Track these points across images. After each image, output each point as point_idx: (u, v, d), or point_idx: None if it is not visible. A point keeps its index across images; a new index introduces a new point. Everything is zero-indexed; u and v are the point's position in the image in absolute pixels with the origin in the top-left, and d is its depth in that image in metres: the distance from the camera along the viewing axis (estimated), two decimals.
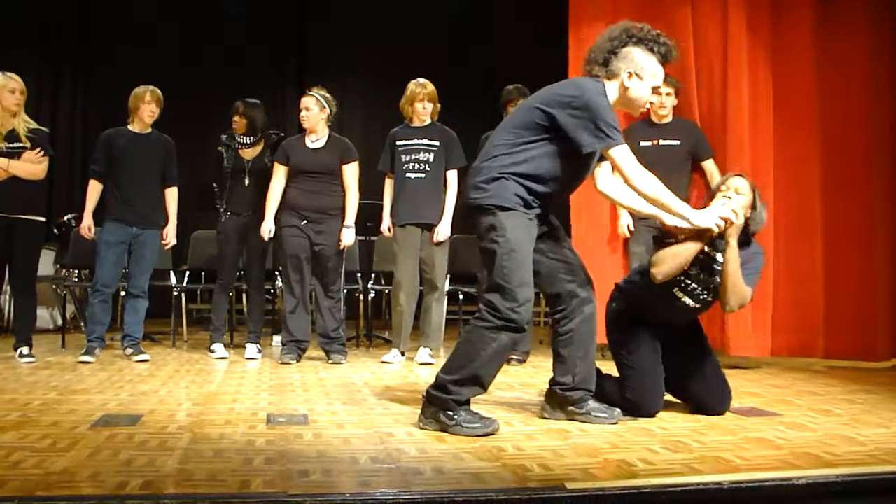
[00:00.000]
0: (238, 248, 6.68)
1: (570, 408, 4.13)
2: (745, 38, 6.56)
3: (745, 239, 4.28)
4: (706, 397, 4.40)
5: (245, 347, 6.73)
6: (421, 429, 3.90)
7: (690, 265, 4.21)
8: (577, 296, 4.11)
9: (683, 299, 4.28)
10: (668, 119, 6.47)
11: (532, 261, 3.94)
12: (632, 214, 6.35)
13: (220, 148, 6.69)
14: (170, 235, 6.65)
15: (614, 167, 3.95)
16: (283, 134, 6.79)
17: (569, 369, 4.13)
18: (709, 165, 6.46)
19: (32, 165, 6.11)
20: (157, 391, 4.96)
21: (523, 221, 3.92)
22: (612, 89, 4.00)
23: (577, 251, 4.28)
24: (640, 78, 3.99)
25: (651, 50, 4.00)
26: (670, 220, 4.05)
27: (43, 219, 6.35)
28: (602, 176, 4.31)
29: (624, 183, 3.99)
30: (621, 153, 3.86)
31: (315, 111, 6.46)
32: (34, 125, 6.27)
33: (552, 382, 4.22)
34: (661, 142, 6.36)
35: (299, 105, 6.53)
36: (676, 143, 6.39)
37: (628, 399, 4.31)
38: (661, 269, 4.11)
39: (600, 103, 3.85)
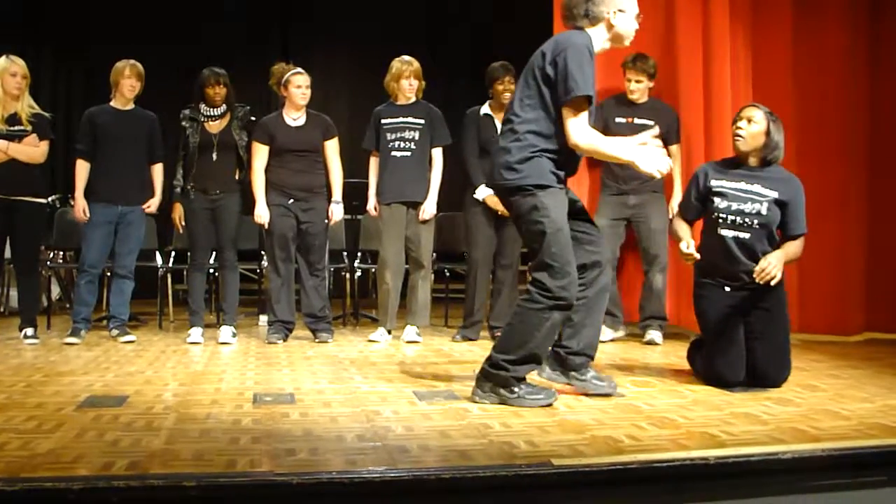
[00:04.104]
0: (209, 226, 6.43)
1: (572, 372, 4.25)
2: (727, 16, 6.57)
3: (768, 164, 4.62)
4: (762, 367, 4.52)
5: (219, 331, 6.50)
6: (476, 402, 3.99)
7: (717, 196, 4.59)
8: (599, 266, 4.19)
9: (732, 234, 4.55)
10: (644, 100, 6.49)
11: None
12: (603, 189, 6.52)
13: (183, 123, 6.42)
14: (153, 205, 6.58)
15: (565, 115, 3.92)
16: (248, 107, 6.61)
17: (575, 333, 4.24)
18: (673, 150, 6.45)
19: (32, 149, 6.13)
20: (143, 372, 4.94)
21: (560, 197, 4.01)
22: (598, 34, 4.07)
23: None
24: (623, 12, 4.06)
25: None
26: (644, 167, 4.01)
27: (44, 200, 6.40)
28: None
29: (567, 135, 3.94)
30: (578, 111, 3.90)
31: (309, 90, 6.43)
32: (37, 109, 6.26)
33: (556, 345, 4.30)
34: (636, 120, 6.36)
35: (290, 82, 6.36)
36: (651, 123, 6.39)
37: (709, 369, 4.60)
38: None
39: (578, 55, 3.90)
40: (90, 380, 4.62)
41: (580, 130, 3.91)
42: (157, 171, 6.61)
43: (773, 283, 4.38)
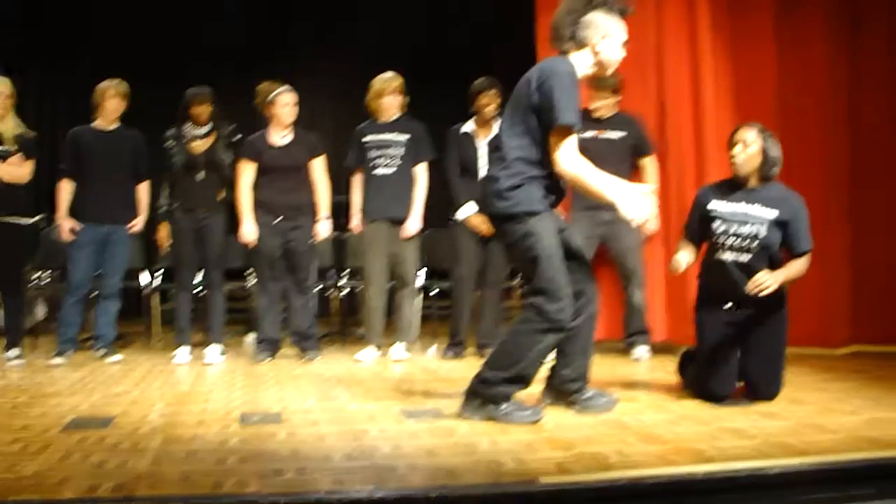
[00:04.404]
0: (195, 246, 6.42)
1: (572, 397, 4.30)
2: (709, 33, 6.61)
3: (768, 181, 4.63)
4: (753, 380, 4.59)
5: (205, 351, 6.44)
6: (465, 419, 4.00)
7: (715, 220, 4.59)
8: (585, 294, 4.23)
9: (732, 257, 4.57)
10: (612, 113, 6.48)
11: None
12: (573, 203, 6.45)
13: (169, 143, 6.40)
14: (138, 224, 6.59)
15: (553, 143, 3.97)
16: (234, 125, 6.61)
17: (569, 363, 4.30)
18: (648, 162, 6.46)
19: (16, 168, 6.10)
20: (129, 392, 4.92)
21: (551, 222, 4.06)
22: (582, 59, 4.10)
23: None
24: (610, 37, 4.09)
25: (610, 10, 4.11)
26: (625, 211, 4.02)
27: (29, 220, 6.34)
28: None
29: (555, 162, 3.99)
30: (564, 138, 3.94)
31: (296, 108, 6.44)
32: (23, 129, 6.23)
33: (552, 375, 4.38)
34: (604, 134, 6.38)
35: (276, 100, 6.38)
36: (619, 135, 6.40)
37: (697, 380, 4.67)
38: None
39: (562, 83, 3.93)
40: (76, 401, 4.60)
41: (567, 158, 3.95)
42: (143, 189, 6.61)
43: (762, 294, 4.37)
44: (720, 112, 6.58)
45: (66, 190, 6.43)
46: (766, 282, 4.36)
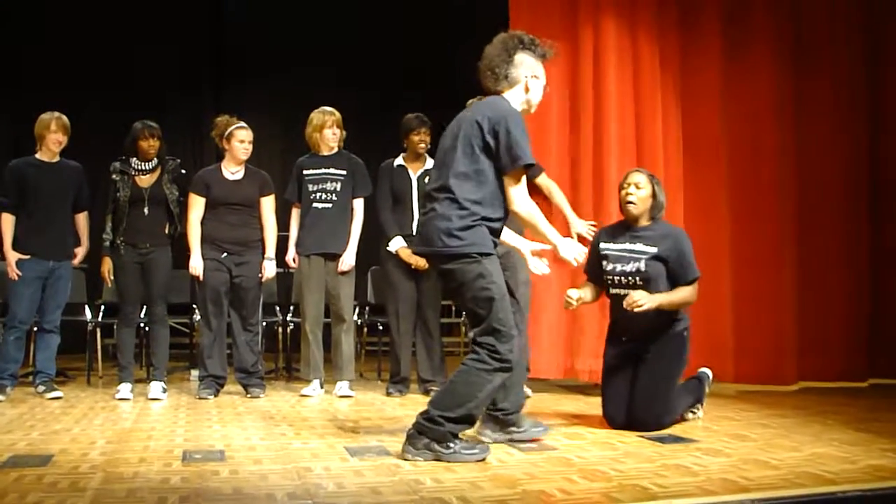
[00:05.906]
0: (139, 280, 6.31)
1: (511, 428, 4.44)
2: (658, 79, 6.71)
3: (654, 220, 4.99)
4: (633, 408, 4.82)
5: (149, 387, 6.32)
6: (408, 460, 3.95)
7: (603, 259, 4.97)
8: (518, 329, 4.35)
9: (618, 292, 4.90)
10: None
11: None
12: None
13: (114, 176, 6.29)
14: (80, 254, 6.53)
15: (508, 183, 4.07)
16: (178, 161, 6.56)
17: (507, 395, 4.41)
18: (542, 181, 6.40)
19: None
20: (69, 430, 4.83)
21: (498, 264, 4.11)
22: (515, 97, 4.22)
23: None
24: (537, 78, 4.24)
25: (534, 52, 4.24)
26: (563, 253, 4.17)
27: None
28: None
29: (511, 200, 4.09)
30: (520, 178, 4.09)
31: (251, 145, 6.44)
32: None
33: (493, 409, 4.45)
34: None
35: (234, 135, 6.38)
36: None
37: (602, 408, 5.01)
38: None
39: (517, 124, 4.04)
40: (13, 438, 4.52)
41: (524, 197, 4.08)
42: (82, 219, 6.52)
43: (636, 310, 4.63)
44: (668, 156, 6.67)
45: (8, 223, 6.32)
46: (640, 300, 4.63)
